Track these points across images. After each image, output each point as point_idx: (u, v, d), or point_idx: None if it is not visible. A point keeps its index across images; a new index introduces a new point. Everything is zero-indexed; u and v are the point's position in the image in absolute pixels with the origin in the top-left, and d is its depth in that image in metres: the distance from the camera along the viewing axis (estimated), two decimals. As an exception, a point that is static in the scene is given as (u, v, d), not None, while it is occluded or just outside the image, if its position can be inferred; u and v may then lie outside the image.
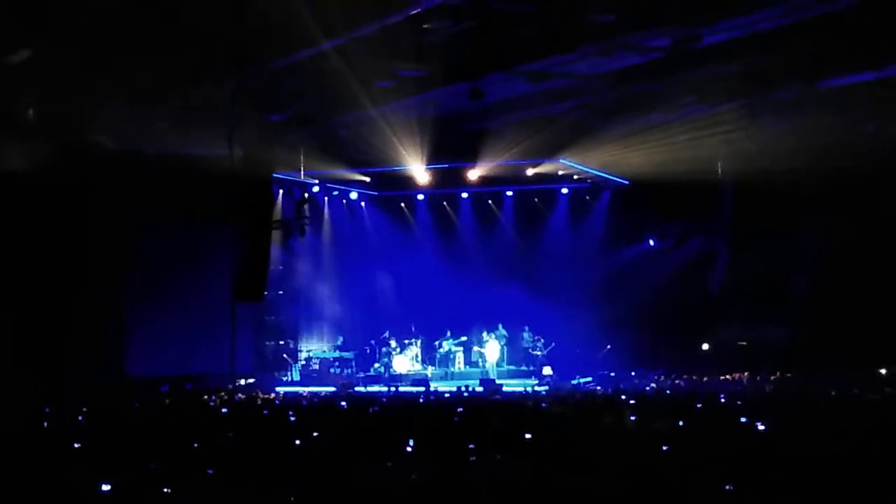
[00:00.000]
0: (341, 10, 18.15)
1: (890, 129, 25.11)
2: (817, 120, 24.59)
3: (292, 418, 17.10)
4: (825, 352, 26.75)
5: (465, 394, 24.20)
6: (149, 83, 21.74)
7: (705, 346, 32.24)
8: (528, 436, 13.22)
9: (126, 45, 19.44)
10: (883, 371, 25.80)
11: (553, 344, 32.29)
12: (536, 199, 35.52)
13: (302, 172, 30.57)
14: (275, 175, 29.13)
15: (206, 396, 23.43)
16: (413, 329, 33.32)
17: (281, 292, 32.99)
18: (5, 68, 20.96)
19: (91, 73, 20.57)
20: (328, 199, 35.15)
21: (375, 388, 29.17)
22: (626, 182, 32.75)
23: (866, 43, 20.52)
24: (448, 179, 32.91)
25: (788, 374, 26.71)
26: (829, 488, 9.64)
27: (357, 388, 28.54)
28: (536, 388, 27.30)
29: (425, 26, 19.72)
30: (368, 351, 33.17)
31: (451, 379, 31.20)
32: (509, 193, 35.57)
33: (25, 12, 18.39)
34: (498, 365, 32.27)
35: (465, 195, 35.74)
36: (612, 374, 30.13)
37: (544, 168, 31.74)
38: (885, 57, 21.63)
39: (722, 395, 20.76)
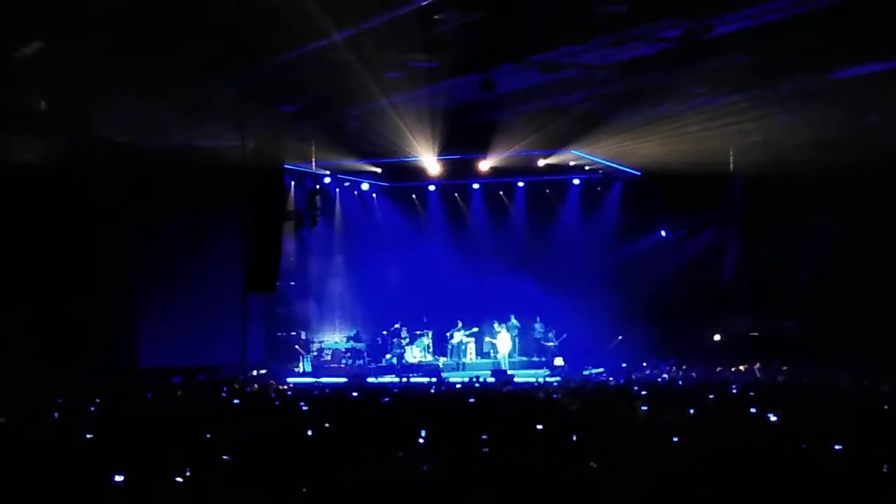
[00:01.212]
0: (352, 1, 18.15)
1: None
2: (827, 111, 24.56)
3: (304, 409, 17.14)
4: (836, 342, 26.76)
5: (477, 384, 24.20)
6: (159, 75, 21.74)
7: (717, 337, 32.25)
8: (539, 426, 13.24)
9: (135, 37, 19.46)
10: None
11: (565, 335, 32.30)
12: (548, 190, 35.53)
13: (313, 163, 30.59)
14: (286, 166, 29.15)
15: (217, 387, 23.47)
16: (425, 320, 33.36)
17: (293, 283, 33.04)
18: (15, 63, 21.00)
19: (100, 66, 20.58)
20: (339, 191, 35.19)
21: (387, 379, 29.21)
22: (638, 173, 32.73)
23: (877, 34, 20.46)
24: (459, 170, 32.93)
25: (800, 365, 26.68)
26: (839, 479, 9.65)
27: (369, 379, 28.57)
28: (548, 379, 27.32)
29: (436, 17, 19.69)
30: (380, 342, 33.21)
31: (463, 370, 31.21)
32: (521, 184, 35.58)
33: (33, 7, 18.41)
34: (509, 356, 32.28)
35: (476, 186, 35.77)
36: (624, 364, 30.15)
37: (556, 159, 31.75)
38: (894, 48, 21.57)
39: (734, 386, 20.76)
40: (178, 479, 10.11)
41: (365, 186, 35.59)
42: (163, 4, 18.11)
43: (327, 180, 33.50)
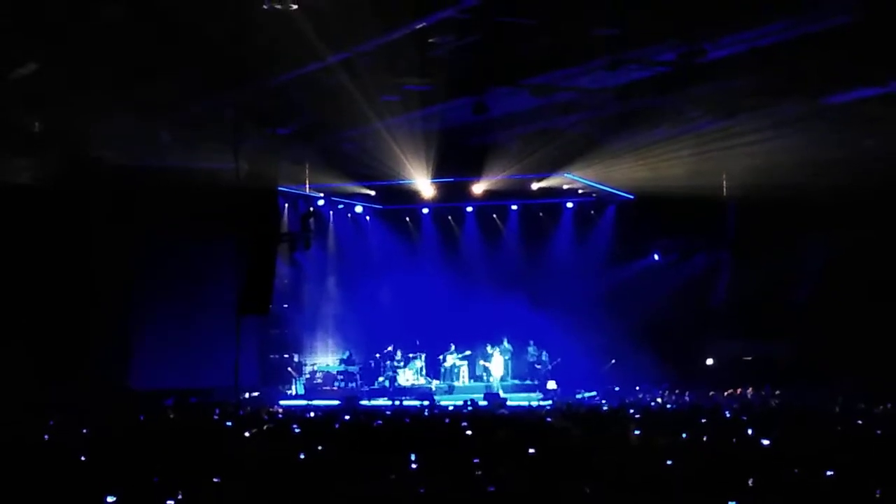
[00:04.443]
0: (346, 24, 18.18)
1: (892, 144, 25.12)
2: (820, 135, 24.62)
3: (296, 431, 17.11)
4: (830, 365, 26.76)
5: (470, 408, 24.16)
6: (154, 98, 21.79)
7: (710, 361, 32.23)
8: (532, 450, 13.22)
9: (131, 60, 19.51)
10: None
11: (558, 358, 32.22)
12: (541, 214, 35.52)
13: (307, 186, 30.58)
14: (280, 188, 29.12)
15: (210, 410, 23.41)
16: (417, 343, 33.27)
17: (286, 306, 32.98)
18: (12, 83, 21.04)
19: (96, 88, 20.62)
20: (333, 213, 35.17)
21: (380, 402, 29.16)
22: (632, 196, 32.75)
23: (870, 59, 20.52)
24: (453, 193, 32.95)
25: (793, 389, 26.68)
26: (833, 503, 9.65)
27: (361, 402, 28.51)
28: (541, 403, 27.29)
29: (430, 40, 19.75)
30: (373, 364, 33.12)
31: (456, 393, 31.13)
32: (514, 207, 35.52)
33: (30, 28, 18.45)
34: (502, 379, 32.20)
35: (469, 209, 35.75)
36: (617, 388, 30.13)
37: (549, 182, 31.76)
38: (888, 73, 21.64)
39: (727, 410, 20.76)
40: (170, 502, 10.08)
41: (359, 209, 35.56)
42: (158, 26, 18.13)
43: (321, 203, 33.50)
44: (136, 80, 20.51)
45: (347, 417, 19.96)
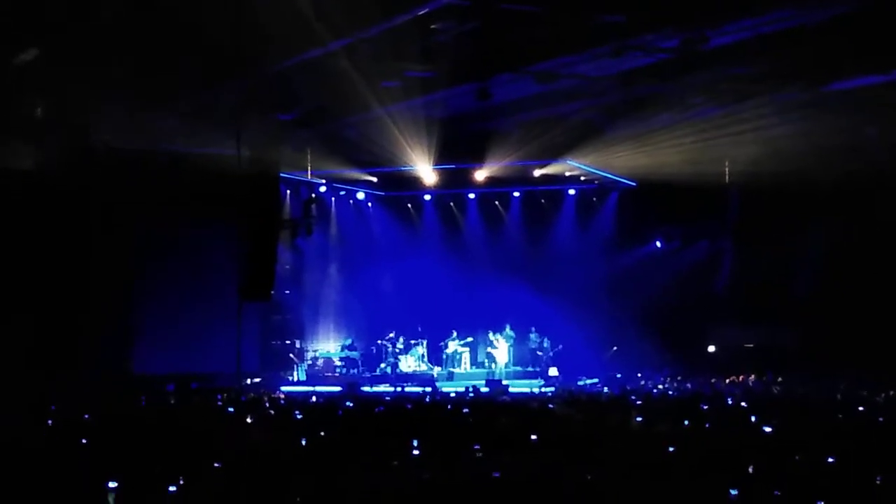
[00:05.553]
0: (349, 10, 18.15)
1: (895, 132, 25.11)
2: (824, 122, 24.58)
3: (298, 417, 17.12)
4: (832, 353, 26.77)
5: (472, 394, 24.17)
6: (156, 83, 21.75)
7: (711, 348, 32.24)
8: (533, 437, 13.23)
9: (132, 44, 19.47)
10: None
11: (560, 346, 32.21)
12: (543, 200, 35.47)
13: (309, 172, 30.56)
14: (282, 175, 29.09)
15: (211, 395, 23.43)
16: (419, 329, 33.26)
17: (288, 292, 32.95)
18: (13, 69, 21.02)
19: (98, 73, 20.59)
20: (335, 199, 35.15)
21: (381, 388, 29.16)
22: (634, 183, 32.70)
23: (873, 46, 20.48)
24: (455, 180, 32.89)
25: (795, 376, 26.69)
26: (832, 491, 9.64)
27: (363, 388, 28.52)
28: (543, 390, 27.29)
29: (433, 26, 19.70)
30: (375, 351, 33.12)
31: (457, 379, 31.12)
32: (516, 194, 35.50)
33: (33, 14, 18.42)
34: (504, 366, 32.20)
35: (471, 196, 35.70)
36: (619, 375, 30.13)
37: (551, 169, 31.70)
38: (890, 61, 21.60)
39: (728, 397, 20.77)
40: (172, 488, 10.08)
41: (360, 195, 35.56)
42: (160, 13, 18.09)
43: (323, 189, 33.47)
44: (138, 66, 20.47)
45: (349, 404, 19.97)
